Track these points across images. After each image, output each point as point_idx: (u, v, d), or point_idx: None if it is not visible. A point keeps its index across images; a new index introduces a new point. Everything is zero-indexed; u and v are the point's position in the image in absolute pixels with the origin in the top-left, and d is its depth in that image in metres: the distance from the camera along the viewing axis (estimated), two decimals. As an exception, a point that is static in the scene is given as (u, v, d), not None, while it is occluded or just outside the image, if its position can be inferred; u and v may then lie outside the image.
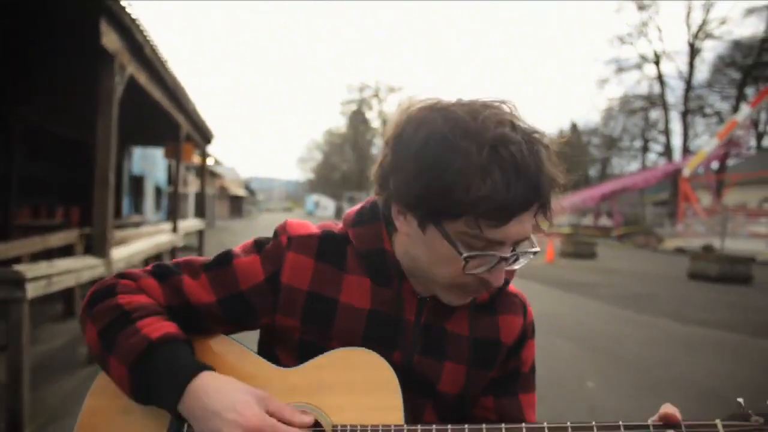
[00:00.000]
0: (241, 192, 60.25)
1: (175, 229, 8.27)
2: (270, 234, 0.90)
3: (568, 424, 0.73)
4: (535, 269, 13.22)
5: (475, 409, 0.91)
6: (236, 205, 59.49)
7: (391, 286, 0.85)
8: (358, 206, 0.91)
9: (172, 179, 18.34)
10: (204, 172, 11.89)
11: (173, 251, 8.21)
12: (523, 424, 0.75)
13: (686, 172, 26.26)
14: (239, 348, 0.87)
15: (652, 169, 35.48)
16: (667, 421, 0.72)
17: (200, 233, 11.83)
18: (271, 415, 0.74)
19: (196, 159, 14.93)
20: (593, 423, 0.73)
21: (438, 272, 0.78)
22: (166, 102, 6.92)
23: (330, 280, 0.85)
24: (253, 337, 0.92)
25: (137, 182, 15.16)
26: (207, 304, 0.85)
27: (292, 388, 0.82)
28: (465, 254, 0.73)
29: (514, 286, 0.93)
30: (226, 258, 0.88)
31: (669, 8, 53.80)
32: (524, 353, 0.93)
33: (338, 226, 0.91)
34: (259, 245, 0.89)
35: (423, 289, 0.85)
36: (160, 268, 0.87)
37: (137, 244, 5.70)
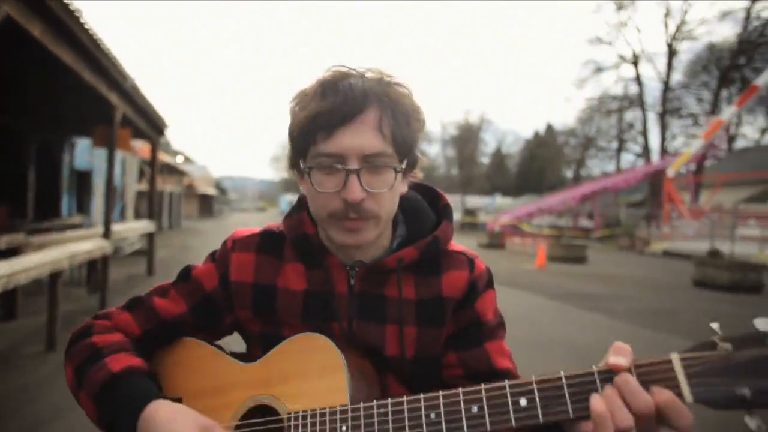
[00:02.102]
0: (211, 191, 58.06)
1: (107, 234, 6.70)
2: None
3: (506, 383, 0.71)
4: (529, 277, 12.01)
5: (442, 371, 0.92)
6: (206, 205, 57.29)
7: (319, 265, 0.92)
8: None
9: (121, 172, 16.57)
10: (154, 167, 10.30)
11: (104, 261, 6.65)
12: (460, 389, 0.73)
13: (670, 172, 25.59)
14: (209, 349, 0.94)
15: (632, 169, 34.98)
16: (616, 367, 0.65)
17: (150, 237, 10.25)
18: None
19: (138, 149, 13.28)
20: (532, 377, 0.70)
21: (319, 211, 0.86)
22: (86, 73, 5.40)
23: (270, 270, 0.94)
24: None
25: (82, 178, 13.38)
26: (179, 315, 0.95)
27: (252, 381, 0.88)
28: (304, 165, 0.84)
29: (477, 257, 0.96)
30: (187, 272, 0.98)
31: (648, 9, 53.54)
32: (480, 304, 0.93)
33: (280, 225, 0.98)
34: (212, 254, 0.99)
35: (347, 257, 0.91)
36: (132, 300, 0.98)
37: (31, 258, 4.18)
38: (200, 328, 0.96)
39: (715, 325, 0.64)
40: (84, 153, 12.82)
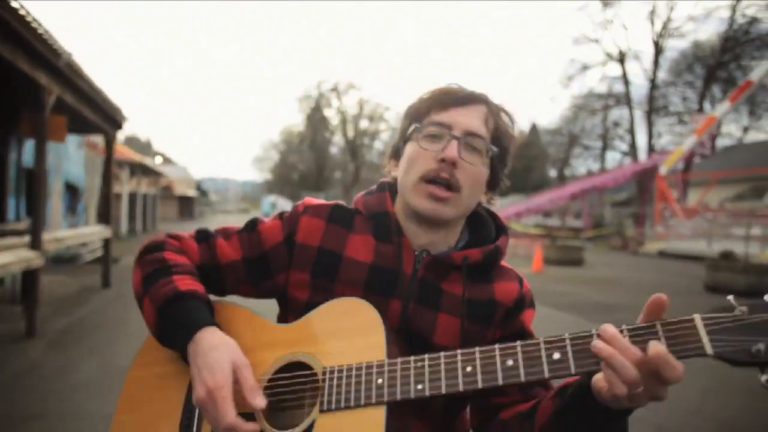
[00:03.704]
0: (191, 192, 56.39)
1: (35, 244, 5.53)
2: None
3: (540, 339, 0.76)
4: (528, 282, 11.02)
5: None
6: (186, 207, 55.63)
7: (392, 242, 0.97)
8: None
9: (83, 172, 15.23)
10: (111, 165, 9.10)
11: (32, 276, 5.47)
12: (477, 348, 0.78)
13: (663, 170, 24.93)
14: (248, 313, 0.97)
15: (621, 168, 34.45)
16: (649, 319, 0.71)
17: (106, 243, 9.04)
18: (235, 382, 0.82)
19: (102, 147, 11.98)
20: (566, 334, 0.74)
21: (411, 174, 0.94)
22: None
23: (338, 238, 0.98)
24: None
25: (35, 178, 12.06)
26: (234, 261, 1.00)
27: (290, 340, 0.90)
28: (415, 125, 0.96)
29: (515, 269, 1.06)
30: (253, 223, 1.04)
31: (634, 7, 52.96)
32: (525, 317, 1.01)
33: (350, 204, 1.05)
34: (281, 214, 1.05)
35: (419, 242, 0.97)
36: (201, 233, 1.05)
37: None
38: (248, 279, 1.01)
39: (730, 297, 0.69)
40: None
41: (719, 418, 3.84)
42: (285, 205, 57.62)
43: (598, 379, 0.72)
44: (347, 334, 0.84)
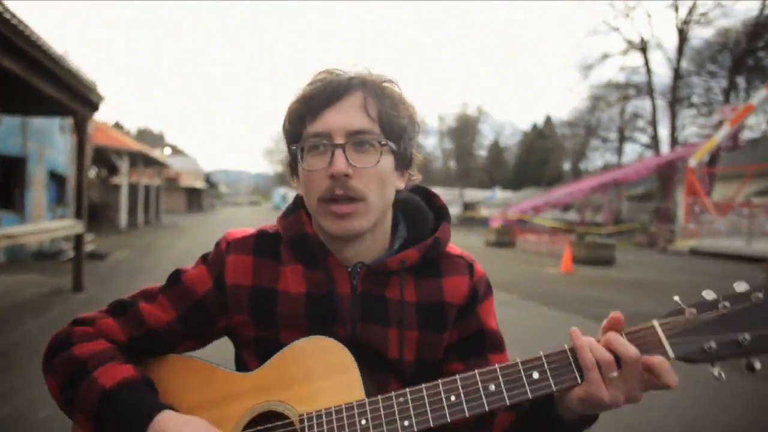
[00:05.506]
0: (199, 184, 55.57)
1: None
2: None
3: (517, 359, 0.77)
4: (557, 285, 9.77)
5: (445, 377, 0.92)
6: (195, 199, 54.90)
7: (319, 267, 0.90)
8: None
9: (70, 160, 14.13)
10: (83, 153, 7.95)
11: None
12: (457, 376, 0.78)
13: (693, 162, 23.32)
14: (202, 364, 0.89)
15: (643, 160, 32.85)
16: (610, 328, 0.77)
17: (78, 240, 7.92)
18: None
19: (91, 133, 10.86)
20: (540, 353, 0.76)
21: (311, 197, 0.87)
22: None
23: (269, 273, 0.92)
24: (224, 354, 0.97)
25: (11, 166, 10.99)
26: (167, 322, 0.91)
27: (257, 389, 0.84)
28: (294, 146, 0.88)
29: (462, 251, 0.97)
30: (176, 276, 0.95)
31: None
32: (482, 311, 0.94)
33: (274, 226, 0.98)
34: (204, 257, 0.96)
35: (347, 258, 0.90)
36: (116, 304, 0.94)
37: None
38: (189, 335, 0.93)
39: (676, 298, 0.76)
40: (13, 135, 10.43)
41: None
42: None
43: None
44: (317, 376, 0.81)
